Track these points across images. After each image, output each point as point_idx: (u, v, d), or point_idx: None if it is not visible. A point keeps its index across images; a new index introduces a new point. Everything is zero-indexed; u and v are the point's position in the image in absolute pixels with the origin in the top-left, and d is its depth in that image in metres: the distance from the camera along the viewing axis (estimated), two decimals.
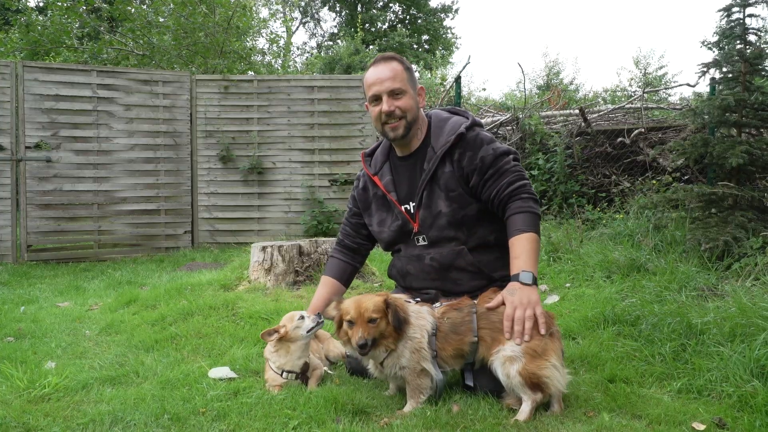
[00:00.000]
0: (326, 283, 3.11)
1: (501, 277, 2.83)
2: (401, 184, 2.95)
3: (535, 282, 2.54)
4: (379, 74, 2.82)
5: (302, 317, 2.78)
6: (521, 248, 2.61)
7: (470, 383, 2.55)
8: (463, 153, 2.78)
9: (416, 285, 2.96)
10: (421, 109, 2.94)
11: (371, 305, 2.44)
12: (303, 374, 2.80)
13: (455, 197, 2.78)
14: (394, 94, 2.80)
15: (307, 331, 2.77)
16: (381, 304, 2.45)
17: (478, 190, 2.78)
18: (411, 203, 2.90)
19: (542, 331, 2.39)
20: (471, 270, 2.82)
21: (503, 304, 2.51)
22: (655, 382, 2.77)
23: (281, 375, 2.76)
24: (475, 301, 2.61)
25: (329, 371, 2.99)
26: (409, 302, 2.59)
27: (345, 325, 2.48)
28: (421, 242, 2.90)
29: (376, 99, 2.84)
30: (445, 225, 2.81)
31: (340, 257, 3.20)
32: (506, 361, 2.38)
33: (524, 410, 2.32)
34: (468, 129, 2.82)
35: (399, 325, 2.44)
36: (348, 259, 3.19)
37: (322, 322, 2.80)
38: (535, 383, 2.32)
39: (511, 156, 2.80)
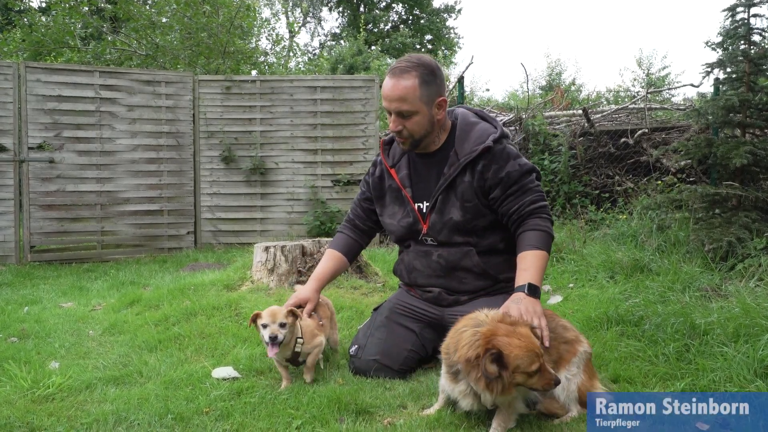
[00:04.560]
0: (332, 257, 3.14)
1: (506, 279, 2.85)
2: (418, 181, 2.92)
3: (539, 296, 2.53)
4: (391, 91, 2.69)
5: (266, 326, 2.63)
6: (531, 262, 2.60)
7: None
8: (488, 165, 2.73)
9: (421, 281, 2.96)
10: (440, 121, 2.82)
11: (534, 339, 2.15)
12: (293, 360, 2.80)
13: (470, 208, 2.77)
14: (401, 115, 2.71)
15: (265, 341, 2.66)
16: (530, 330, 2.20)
17: (497, 203, 2.76)
18: (425, 202, 2.88)
19: (546, 344, 2.35)
20: (477, 271, 2.82)
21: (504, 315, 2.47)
22: (658, 382, 2.76)
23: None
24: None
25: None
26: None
27: (522, 377, 2.09)
28: (430, 242, 2.90)
29: (388, 112, 2.77)
30: (454, 232, 2.81)
31: (349, 234, 3.22)
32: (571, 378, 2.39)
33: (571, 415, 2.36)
34: (495, 142, 2.76)
35: None
36: (356, 237, 3.21)
37: (277, 342, 2.62)
38: (583, 401, 2.33)
39: (534, 175, 2.79)
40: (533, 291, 2.51)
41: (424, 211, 2.88)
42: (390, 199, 3.02)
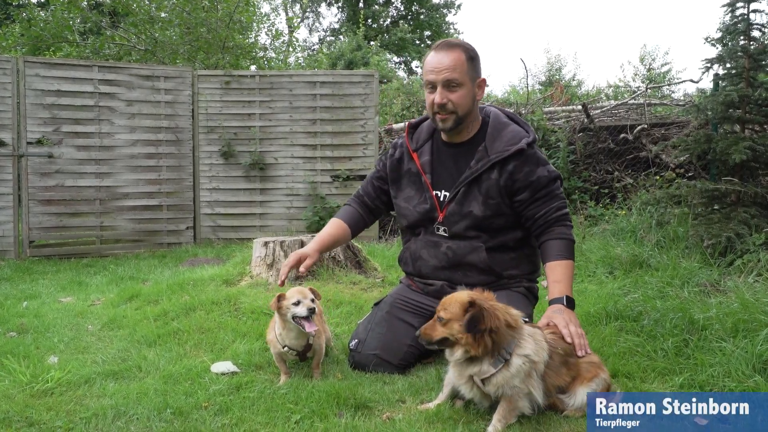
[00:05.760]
0: (336, 225, 3.10)
1: (509, 276, 2.89)
2: (440, 169, 2.92)
3: (574, 308, 2.61)
4: (439, 62, 2.71)
5: (298, 302, 2.64)
6: (562, 274, 2.66)
7: None
8: (519, 166, 2.75)
9: (426, 271, 2.97)
10: (478, 103, 2.86)
11: (450, 303, 2.28)
12: (303, 354, 2.79)
13: (492, 205, 2.78)
14: (449, 85, 2.71)
15: (293, 317, 2.66)
16: (465, 303, 2.24)
17: (523, 205, 2.78)
18: (444, 191, 2.88)
19: (588, 351, 2.44)
20: (482, 267, 2.84)
21: (548, 324, 2.51)
22: (657, 377, 2.76)
23: (282, 347, 2.76)
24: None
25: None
26: (525, 320, 2.41)
27: (449, 326, 2.26)
28: (441, 232, 2.90)
29: (432, 86, 2.76)
30: (470, 226, 2.82)
31: (356, 207, 3.19)
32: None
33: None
34: (528, 145, 2.78)
35: (470, 329, 2.19)
36: (363, 213, 3.18)
37: (313, 312, 2.64)
38: None
39: (559, 182, 2.84)
40: (570, 303, 2.60)
41: (442, 199, 2.88)
42: (407, 182, 3.01)
